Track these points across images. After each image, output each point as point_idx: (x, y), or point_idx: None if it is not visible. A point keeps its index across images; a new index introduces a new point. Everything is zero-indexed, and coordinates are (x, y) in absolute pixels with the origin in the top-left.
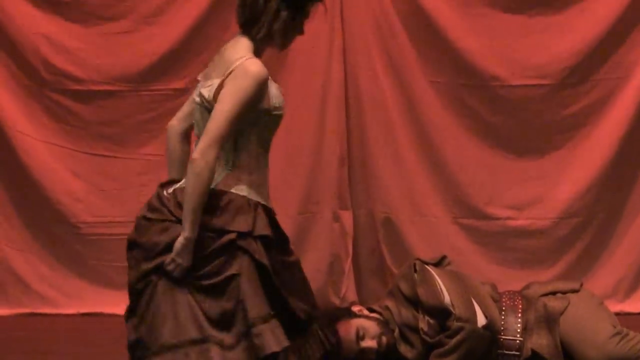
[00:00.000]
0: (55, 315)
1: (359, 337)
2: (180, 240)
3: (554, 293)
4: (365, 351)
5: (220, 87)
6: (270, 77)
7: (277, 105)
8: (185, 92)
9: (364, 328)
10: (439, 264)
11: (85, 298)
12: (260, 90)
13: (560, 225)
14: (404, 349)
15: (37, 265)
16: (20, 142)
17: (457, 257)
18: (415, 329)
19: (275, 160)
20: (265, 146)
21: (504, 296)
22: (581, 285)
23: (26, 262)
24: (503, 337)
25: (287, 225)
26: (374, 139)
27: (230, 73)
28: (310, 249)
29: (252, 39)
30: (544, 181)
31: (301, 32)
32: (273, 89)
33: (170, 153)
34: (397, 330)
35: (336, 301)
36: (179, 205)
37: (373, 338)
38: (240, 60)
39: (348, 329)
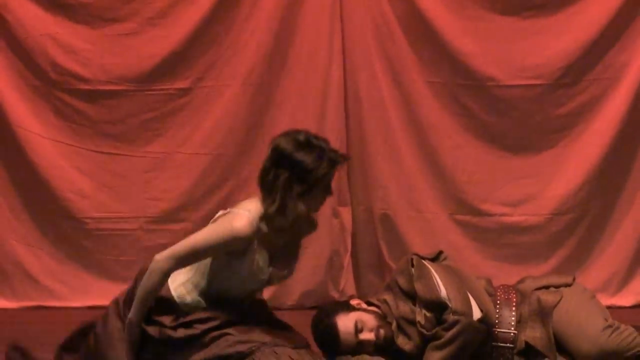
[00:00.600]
0: (62, 309)
1: (358, 330)
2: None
3: (547, 287)
4: (363, 343)
5: None
6: (263, 250)
7: (243, 272)
8: (188, 91)
9: (362, 321)
10: (435, 259)
11: (91, 291)
12: (230, 244)
13: (554, 222)
14: (401, 341)
15: (44, 259)
16: (28, 140)
17: (454, 253)
18: (413, 322)
19: None
20: (220, 292)
21: (499, 290)
22: (574, 279)
23: (34, 257)
24: (497, 329)
25: None
26: (372, 137)
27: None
28: (310, 244)
29: (264, 206)
30: (538, 179)
31: (329, 193)
32: (249, 259)
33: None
34: (394, 323)
35: (335, 295)
36: None
37: (371, 330)
38: (238, 210)
39: (347, 322)
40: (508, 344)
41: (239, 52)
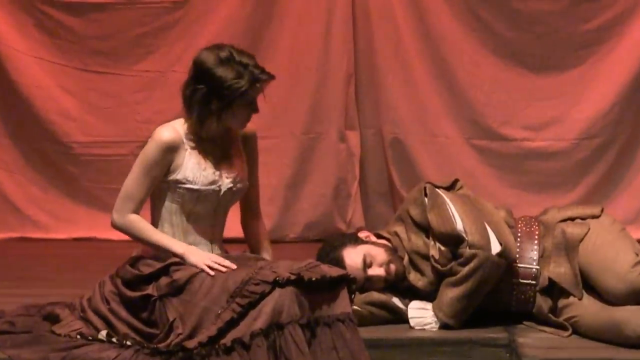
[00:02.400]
0: (46, 240)
1: (366, 265)
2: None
3: (572, 219)
4: (372, 279)
5: None
6: (201, 155)
7: (191, 179)
8: (183, 4)
9: (371, 255)
10: (450, 187)
11: (78, 222)
12: (160, 154)
13: (580, 147)
14: (413, 277)
15: (27, 187)
16: (9, 58)
17: (470, 181)
18: (426, 257)
19: (278, 79)
20: (193, 219)
21: (520, 222)
22: (602, 210)
23: (16, 184)
24: (518, 265)
25: (290, 146)
26: (382, 54)
27: None
28: (315, 172)
29: (187, 120)
30: (563, 100)
31: (253, 110)
32: (191, 162)
33: None
34: (406, 258)
35: (342, 226)
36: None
37: (381, 265)
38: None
39: (354, 256)
40: (530, 281)
41: None
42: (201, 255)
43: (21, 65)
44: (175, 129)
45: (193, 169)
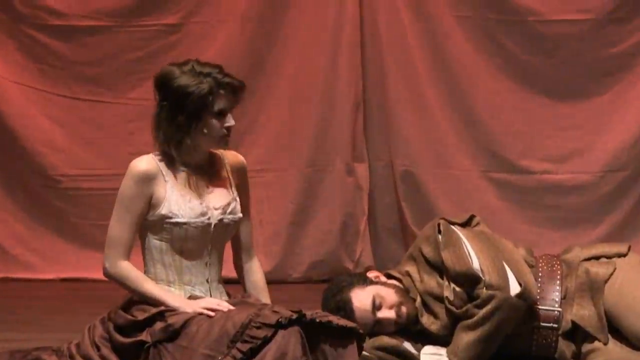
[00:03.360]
0: (32, 281)
1: (376, 307)
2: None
3: (597, 257)
4: (382, 322)
5: None
6: (183, 186)
7: (177, 212)
8: (179, 28)
9: (381, 296)
10: (466, 224)
11: (65, 261)
12: (137, 186)
13: (605, 180)
14: (426, 320)
15: (11, 224)
16: None
17: (487, 216)
18: (440, 298)
19: (281, 107)
20: (185, 256)
21: (541, 261)
22: (629, 248)
23: None
24: (539, 307)
25: (294, 179)
26: (393, 81)
27: None
28: (320, 207)
29: (156, 142)
30: (586, 130)
31: (222, 117)
32: (175, 195)
33: None
34: (418, 299)
35: (350, 266)
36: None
37: (391, 308)
38: None
39: (363, 297)
40: (551, 324)
41: None
42: (198, 303)
43: (4, 93)
44: (151, 159)
45: (178, 201)
